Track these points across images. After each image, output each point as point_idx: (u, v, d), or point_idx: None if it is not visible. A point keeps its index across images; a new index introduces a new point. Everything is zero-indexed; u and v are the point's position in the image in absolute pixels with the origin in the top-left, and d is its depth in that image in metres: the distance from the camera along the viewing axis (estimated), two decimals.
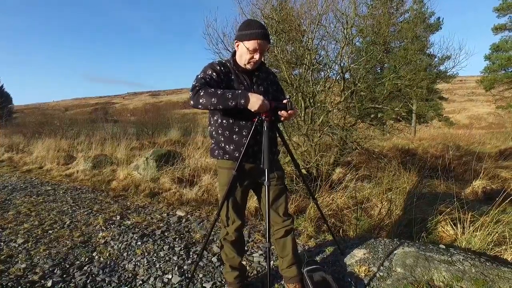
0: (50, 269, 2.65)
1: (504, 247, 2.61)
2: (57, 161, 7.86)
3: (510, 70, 20.93)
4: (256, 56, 1.87)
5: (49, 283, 2.42)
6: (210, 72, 1.88)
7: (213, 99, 1.73)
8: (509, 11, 20.61)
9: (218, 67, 1.91)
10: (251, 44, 1.83)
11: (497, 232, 2.75)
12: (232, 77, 1.94)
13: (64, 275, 2.56)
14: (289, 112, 1.86)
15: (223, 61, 1.99)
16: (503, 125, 28.80)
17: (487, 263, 2.23)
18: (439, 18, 20.77)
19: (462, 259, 2.28)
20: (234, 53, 1.98)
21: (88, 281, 2.47)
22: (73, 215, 4.06)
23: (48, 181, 6.14)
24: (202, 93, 1.75)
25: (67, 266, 2.72)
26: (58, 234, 3.40)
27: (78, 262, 2.79)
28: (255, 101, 1.74)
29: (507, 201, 3.01)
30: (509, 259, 2.49)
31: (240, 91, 1.78)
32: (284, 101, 1.87)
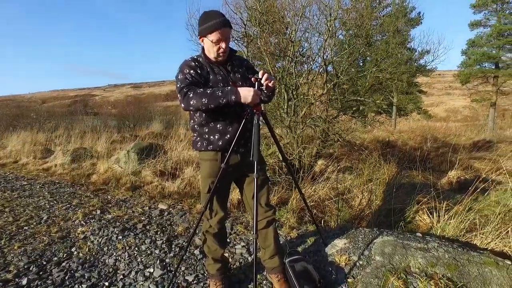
0: (25, 267, 2.57)
1: (474, 233, 2.73)
2: (34, 155, 7.58)
3: (484, 65, 21.64)
4: (223, 45, 1.87)
5: (24, 281, 2.35)
6: (188, 71, 1.88)
7: (203, 99, 1.73)
8: (483, 8, 21.23)
9: (193, 63, 1.92)
10: (214, 36, 1.84)
11: (468, 220, 2.86)
12: (208, 69, 1.95)
13: (41, 272, 2.49)
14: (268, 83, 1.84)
15: (195, 57, 1.99)
16: (477, 118, 29.90)
17: (459, 249, 2.33)
18: (419, 13, 21.19)
19: (437, 246, 2.37)
20: (203, 49, 1.98)
21: (66, 278, 2.41)
22: (50, 210, 3.94)
23: (23, 176, 5.93)
24: (191, 95, 1.75)
25: (44, 262, 2.64)
26: (35, 230, 3.30)
27: (56, 258, 2.72)
28: (247, 94, 1.74)
29: (478, 190, 3.15)
30: (478, 244, 2.61)
31: (229, 88, 1.78)
32: (253, 79, 1.84)
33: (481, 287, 2.00)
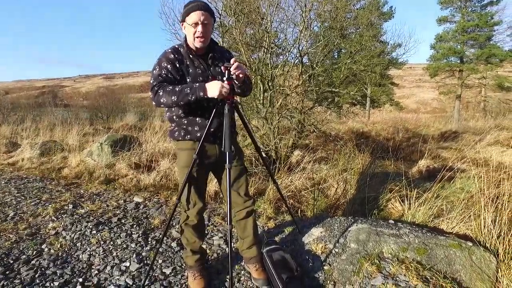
0: None
1: (441, 218, 2.89)
2: None
3: (450, 60, 22.64)
4: (199, 29, 1.83)
5: None
6: (165, 65, 1.86)
7: (173, 97, 1.76)
8: (450, 4, 22.09)
9: (172, 55, 1.88)
10: (191, 17, 1.82)
11: (436, 206, 3.02)
12: (187, 62, 1.91)
13: (7, 272, 2.37)
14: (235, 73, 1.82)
15: (176, 47, 1.95)
16: (444, 109, 31.35)
17: (428, 234, 2.45)
18: (391, 7, 21.83)
19: (408, 232, 2.48)
20: (186, 38, 1.94)
21: (36, 276, 2.32)
22: (18, 207, 3.75)
23: None
24: (161, 93, 1.78)
25: (11, 261, 2.52)
26: (0, 228, 3.13)
27: (24, 256, 2.60)
28: (213, 88, 1.74)
29: (445, 178, 3.32)
30: (445, 228, 2.77)
31: (197, 84, 1.78)
32: (222, 67, 1.83)
33: (447, 267, 2.13)
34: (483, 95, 24.20)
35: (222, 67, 1.83)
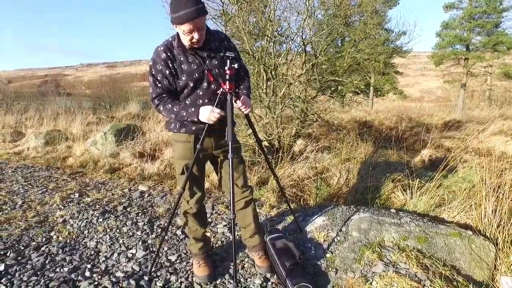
0: (2, 253, 2.52)
1: (443, 208, 2.91)
2: (3, 138, 7.25)
3: (456, 47, 22.26)
4: (196, 36, 1.76)
5: (1, 267, 2.31)
6: (159, 68, 1.85)
7: (172, 115, 1.88)
8: None
9: (164, 54, 1.84)
10: (185, 27, 1.71)
11: (438, 196, 3.04)
12: (181, 58, 1.87)
13: (19, 258, 2.45)
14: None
15: (170, 40, 1.90)
16: (449, 98, 31.04)
17: (429, 223, 2.49)
18: None
19: (409, 221, 2.52)
20: (178, 34, 1.85)
21: (46, 262, 2.39)
22: (25, 195, 3.83)
23: None
24: (161, 108, 1.90)
25: (22, 248, 2.60)
26: (9, 216, 3.20)
27: (34, 243, 2.68)
28: (203, 115, 1.81)
29: (447, 168, 3.33)
30: (446, 217, 2.79)
31: (193, 108, 1.84)
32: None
33: (446, 256, 2.17)
34: (488, 83, 23.87)
35: (227, 64, 1.82)
